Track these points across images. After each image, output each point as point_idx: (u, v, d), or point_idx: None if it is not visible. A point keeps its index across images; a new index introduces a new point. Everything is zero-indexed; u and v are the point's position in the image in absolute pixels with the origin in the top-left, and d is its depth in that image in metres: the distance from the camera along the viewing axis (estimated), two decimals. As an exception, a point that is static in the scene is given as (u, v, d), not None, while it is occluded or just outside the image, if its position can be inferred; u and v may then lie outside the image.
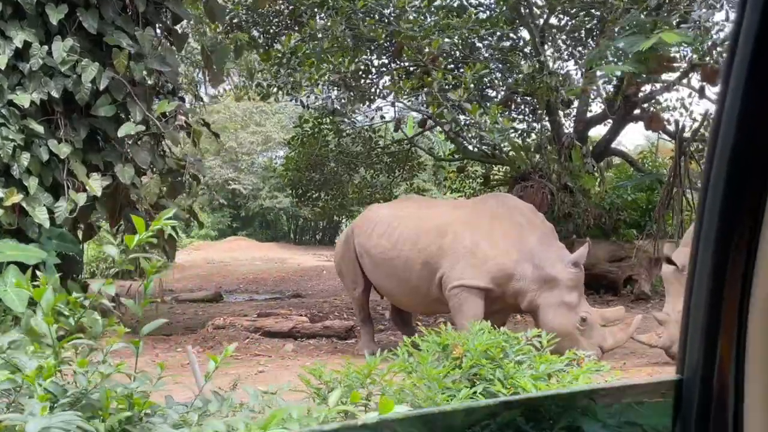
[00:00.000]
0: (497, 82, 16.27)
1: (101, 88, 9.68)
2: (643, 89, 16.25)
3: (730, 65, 1.26)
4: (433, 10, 15.01)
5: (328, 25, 13.53)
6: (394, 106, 17.78)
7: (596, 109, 17.59)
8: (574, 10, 15.89)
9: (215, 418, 3.32)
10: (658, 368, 8.70)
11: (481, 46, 16.01)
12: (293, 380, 4.65)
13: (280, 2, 16.23)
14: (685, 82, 15.78)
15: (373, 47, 15.51)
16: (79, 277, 10.93)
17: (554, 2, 15.45)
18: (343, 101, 15.24)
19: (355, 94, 15.28)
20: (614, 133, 17.15)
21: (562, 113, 17.45)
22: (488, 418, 1.37)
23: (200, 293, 18.68)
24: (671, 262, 8.78)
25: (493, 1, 16.89)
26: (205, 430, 2.90)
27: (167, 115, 10.33)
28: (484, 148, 16.09)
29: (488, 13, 17.01)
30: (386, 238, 9.58)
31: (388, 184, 19.51)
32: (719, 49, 12.55)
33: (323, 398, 4.36)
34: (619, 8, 13.63)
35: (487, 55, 15.88)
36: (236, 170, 34.37)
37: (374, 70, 16.35)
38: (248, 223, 36.07)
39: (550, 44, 16.19)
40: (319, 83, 13.49)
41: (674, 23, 12.65)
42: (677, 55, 14.96)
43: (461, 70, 13.92)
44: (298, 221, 35.80)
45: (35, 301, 3.19)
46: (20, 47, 9.49)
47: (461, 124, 13.55)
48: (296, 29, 15.10)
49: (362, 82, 15.55)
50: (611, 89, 16.31)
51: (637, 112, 16.53)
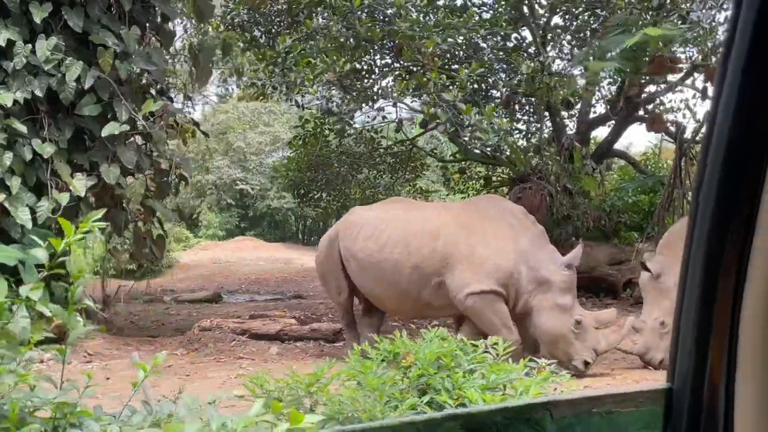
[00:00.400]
0: (500, 82, 16.07)
1: (86, 87, 9.58)
2: (647, 90, 16.01)
3: (726, 60, 1.26)
4: (432, 9, 14.85)
5: (324, 24, 13.40)
6: (395, 106, 17.62)
7: (600, 110, 17.38)
8: (579, 10, 15.69)
9: (135, 430, 3.21)
10: (647, 373, 8.58)
11: (485, 46, 15.82)
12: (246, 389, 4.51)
13: (282, 2, 16.13)
14: (689, 83, 15.54)
15: (375, 47, 15.37)
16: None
17: (556, 2, 15.25)
18: (338, 102, 15.08)
19: (351, 94, 15.12)
20: (616, 134, 16.92)
21: (566, 114, 17.26)
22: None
23: (200, 293, 18.61)
24: (647, 269, 8.78)
25: (495, 0, 16.71)
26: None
27: (155, 114, 10.24)
28: (484, 149, 15.89)
29: (491, 12, 16.85)
30: (373, 240, 9.29)
31: (391, 184, 19.36)
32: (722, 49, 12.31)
33: (268, 407, 4.23)
34: (620, 8, 13.43)
35: (491, 55, 15.69)
36: (244, 170, 34.32)
37: (377, 70, 16.21)
38: (257, 223, 36.04)
39: (551, 45, 15.97)
40: (314, 83, 13.36)
41: (677, 23, 12.42)
42: (683, 56, 14.74)
43: (458, 69, 13.75)
44: (306, 222, 35.75)
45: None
46: (3, 46, 9.41)
47: (457, 124, 13.37)
48: (294, 28, 14.97)
49: (361, 82, 15.40)
50: (614, 90, 16.09)
51: (640, 113, 16.29)
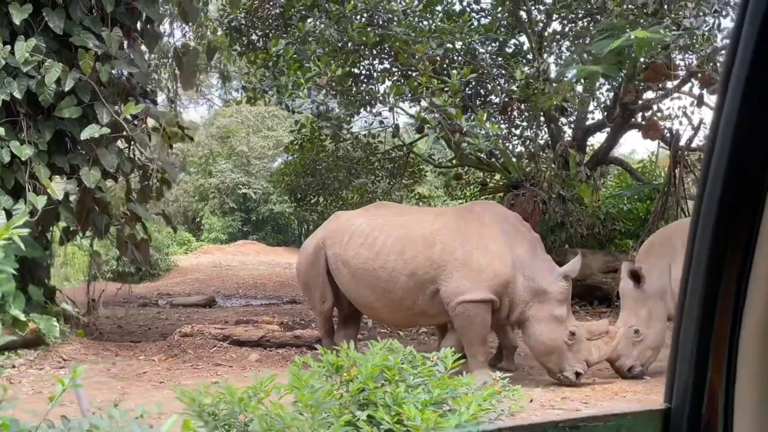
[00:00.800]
0: (498, 88, 15.93)
1: (66, 89, 9.46)
2: (644, 97, 15.82)
3: (729, 71, 1.25)
4: (428, 15, 14.73)
5: (317, 28, 13.29)
6: (392, 111, 17.50)
7: (598, 116, 17.19)
8: (576, 15, 15.54)
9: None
10: (626, 384, 8.42)
11: (483, 51, 15.69)
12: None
13: (277, 5, 16.05)
14: (686, 89, 15.35)
15: (374, 51, 15.27)
16: (46, 281, 10.75)
17: (552, 8, 15.10)
18: (332, 106, 14.97)
19: (347, 98, 15.00)
20: (612, 140, 16.74)
21: (565, 120, 17.09)
22: None
23: (195, 298, 18.53)
24: (634, 277, 8.91)
25: (492, 6, 16.59)
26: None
27: (137, 117, 10.13)
28: (477, 154, 15.74)
29: (489, 18, 16.72)
30: (367, 247, 9.01)
31: (388, 189, 19.23)
32: (719, 57, 12.17)
33: (205, 421, 4.10)
34: (618, 15, 13.25)
35: (490, 60, 15.55)
36: (247, 174, 34.27)
37: (376, 74, 16.10)
38: (259, 227, 35.98)
39: (548, 51, 15.82)
40: (305, 87, 13.26)
41: (671, 29, 12.25)
42: (682, 63, 14.55)
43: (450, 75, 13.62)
44: (308, 226, 35.64)
45: None
46: (-18, 47, 9.34)
47: (448, 130, 13.22)
48: (288, 32, 14.88)
49: (354, 87, 15.29)
50: (610, 96, 15.92)
51: (638, 119, 16.10)
